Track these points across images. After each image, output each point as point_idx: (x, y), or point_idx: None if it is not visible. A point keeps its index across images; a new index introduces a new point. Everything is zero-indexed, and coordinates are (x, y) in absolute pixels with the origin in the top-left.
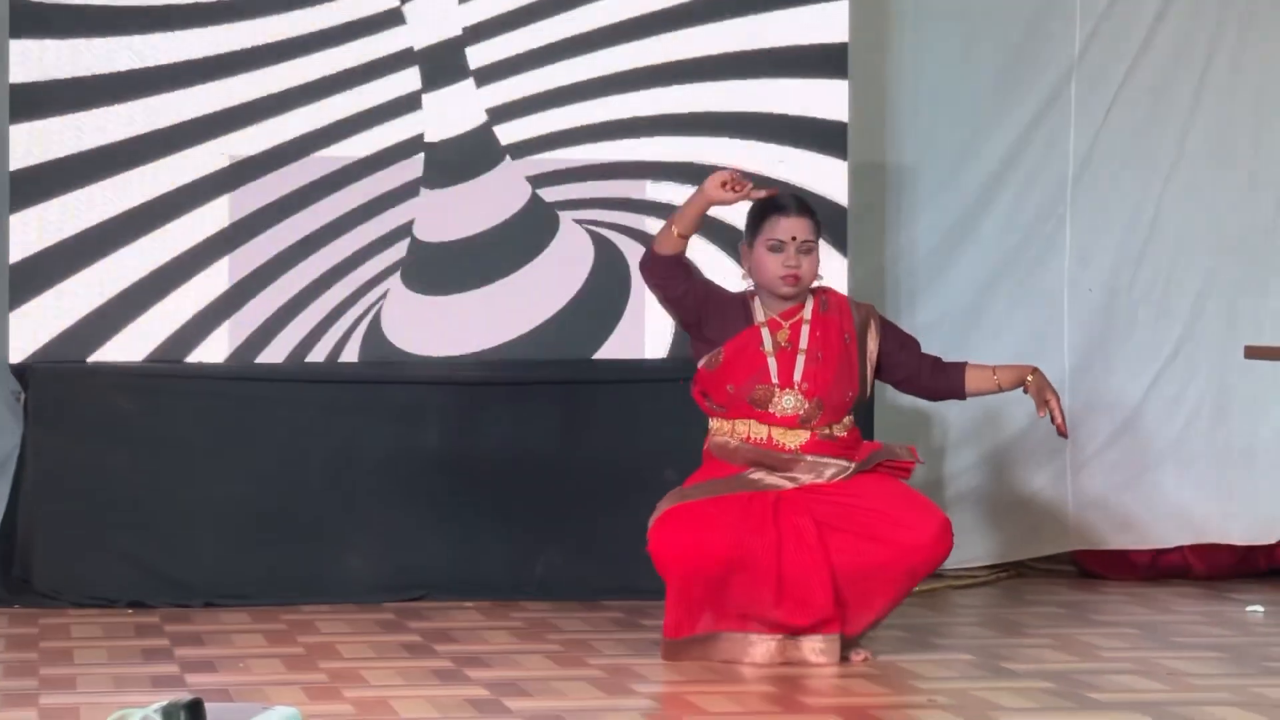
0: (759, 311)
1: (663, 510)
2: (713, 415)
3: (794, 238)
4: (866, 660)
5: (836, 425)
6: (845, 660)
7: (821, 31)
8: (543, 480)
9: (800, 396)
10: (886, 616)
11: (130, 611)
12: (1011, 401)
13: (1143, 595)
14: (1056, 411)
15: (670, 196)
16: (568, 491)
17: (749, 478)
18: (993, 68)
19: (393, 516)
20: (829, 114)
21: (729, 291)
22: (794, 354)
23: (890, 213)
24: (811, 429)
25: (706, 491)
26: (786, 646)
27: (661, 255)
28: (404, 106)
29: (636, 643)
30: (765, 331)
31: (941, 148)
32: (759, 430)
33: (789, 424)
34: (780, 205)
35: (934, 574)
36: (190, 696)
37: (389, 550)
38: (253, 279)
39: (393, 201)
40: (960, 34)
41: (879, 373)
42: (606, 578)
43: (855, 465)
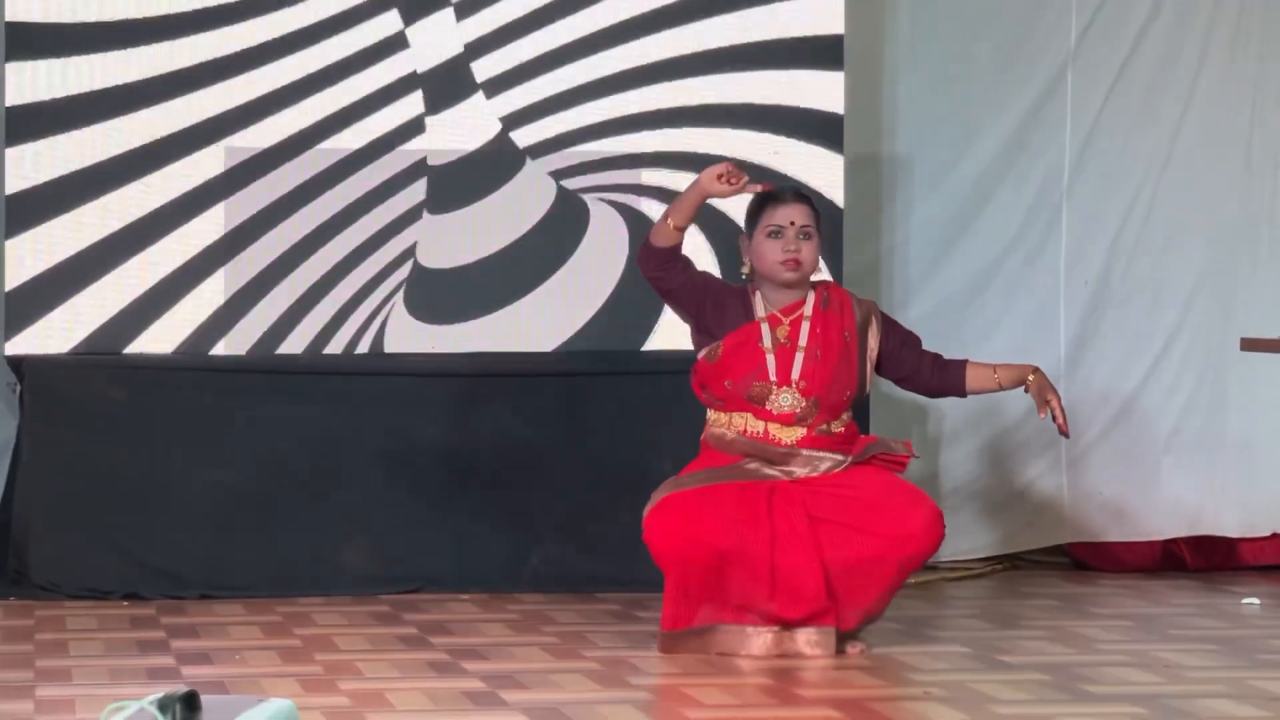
0: (760, 306)
1: (658, 499)
2: (711, 407)
3: (792, 223)
4: (862, 653)
5: (834, 422)
6: (841, 653)
7: (817, 24)
8: (539, 472)
9: (797, 395)
10: (882, 610)
11: (126, 604)
12: (1007, 394)
13: (1138, 587)
14: (1058, 412)
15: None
16: (564, 484)
17: (745, 468)
18: (988, 60)
19: (389, 509)
20: (825, 106)
21: (729, 284)
22: (793, 351)
23: (886, 205)
24: (808, 426)
25: (702, 480)
26: (782, 639)
27: (657, 247)
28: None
29: (633, 635)
30: (765, 327)
31: (937, 140)
32: (755, 425)
33: (785, 421)
34: (778, 194)
35: (929, 566)
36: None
37: (385, 543)
38: (250, 270)
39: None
40: (956, 26)
41: (879, 369)
42: (603, 570)
43: (850, 458)
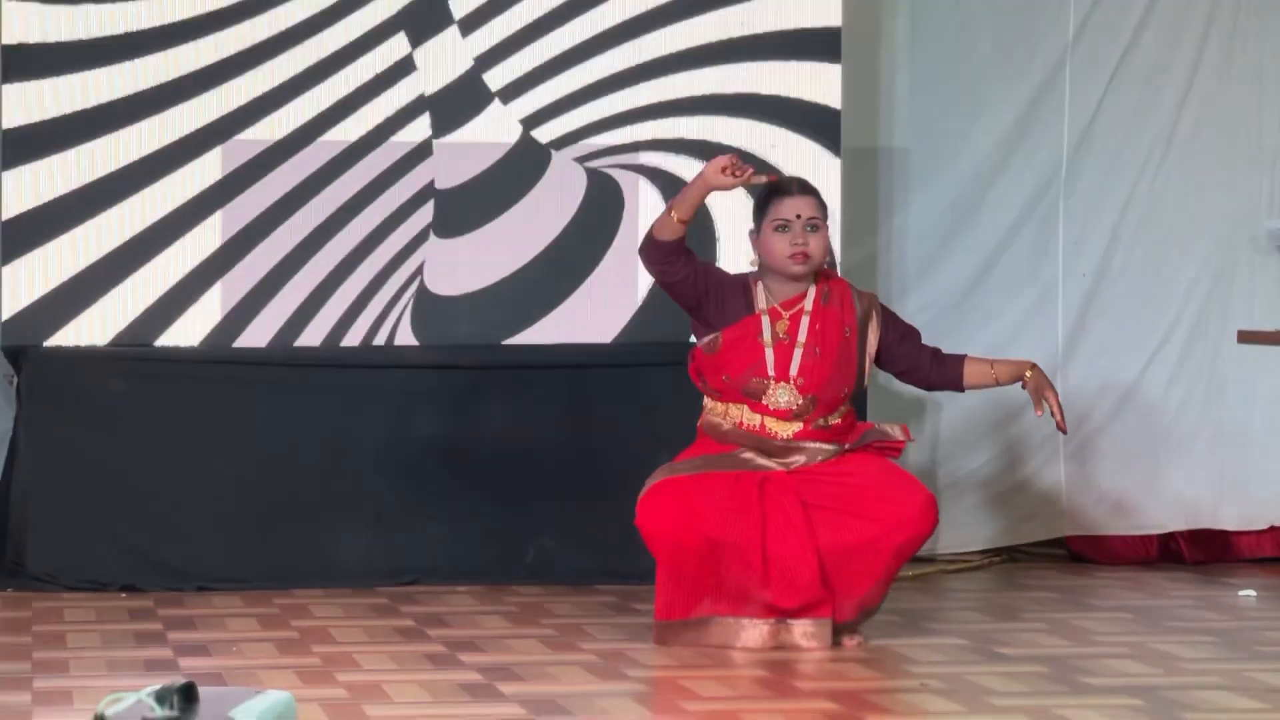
0: (761, 298)
1: (651, 484)
2: (707, 395)
3: (799, 216)
4: (859, 645)
5: (831, 415)
6: (838, 645)
7: (815, 16)
8: (536, 465)
9: (795, 391)
10: (879, 602)
11: (124, 595)
12: (1006, 387)
13: (1135, 580)
14: (1055, 408)
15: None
16: (561, 476)
17: (740, 456)
18: (987, 53)
19: (386, 501)
20: (822, 99)
21: (730, 274)
22: (791, 347)
23: (883, 198)
24: (805, 421)
25: (697, 467)
26: (778, 631)
27: (661, 241)
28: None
29: (630, 627)
30: (765, 320)
31: (935, 133)
32: (752, 418)
33: (782, 416)
34: (783, 187)
35: (927, 558)
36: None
37: (383, 535)
38: (250, 265)
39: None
40: (954, 19)
41: (878, 362)
42: (600, 562)
43: (847, 446)
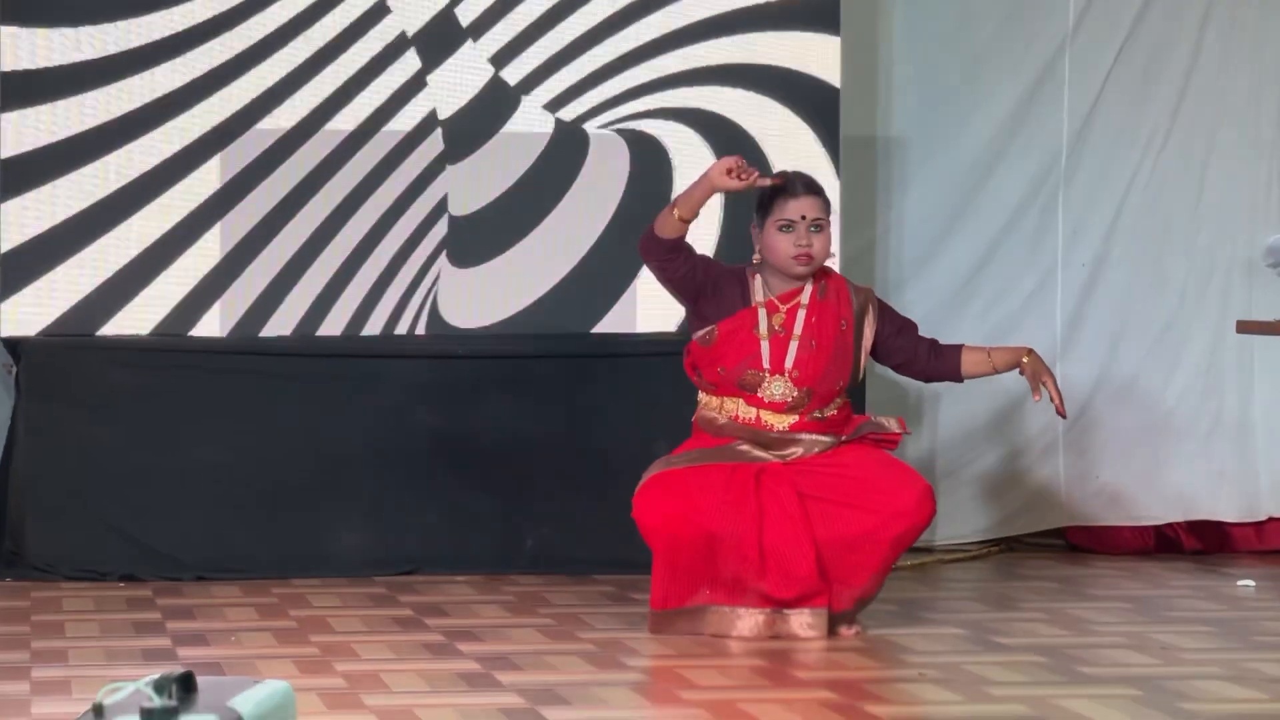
0: (758, 291)
1: (648, 478)
2: (702, 389)
3: (804, 216)
4: (857, 634)
5: (826, 408)
6: (835, 635)
7: (813, 10)
8: (534, 454)
9: (790, 384)
10: (876, 592)
11: (122, 585)
12: (1003, 377)
13: (1134, 570)
14: (1053, 393)
15: None
16: (559, 465)
17: (736, 449)
18: (986, 42)
19: (384, 491)
20: (822, 77)
21: (728, 266)
22: (787, 340)
23: (881, 188)
24: (800, 413)
25: (693, 459)
26: (774, 621)
27: (661, 238)
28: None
29: (628, 617)
30: (762, 313)
31: (934, 122)
32: (747, 411)
33: (777, 409)
34: (788, 187)
35: (925, 548)
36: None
37: (380, 524)
38: (248, 253)
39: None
40: (953, 6)
41: (875, 355)
42: (597, 552)
43: (843, 438)
